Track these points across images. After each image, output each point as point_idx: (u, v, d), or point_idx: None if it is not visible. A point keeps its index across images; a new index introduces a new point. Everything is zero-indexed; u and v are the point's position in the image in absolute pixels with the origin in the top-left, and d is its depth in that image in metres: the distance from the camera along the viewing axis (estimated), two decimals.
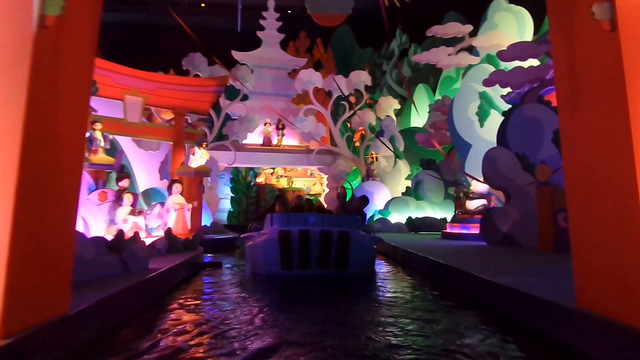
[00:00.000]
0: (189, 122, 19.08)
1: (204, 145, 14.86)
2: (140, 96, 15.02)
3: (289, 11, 34.40)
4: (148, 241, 9.25)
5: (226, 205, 27.52)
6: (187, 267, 8.83)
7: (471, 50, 17.80)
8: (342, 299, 6.65)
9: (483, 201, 14.07)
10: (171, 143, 16.31)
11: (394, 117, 22.41)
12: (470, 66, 16.84)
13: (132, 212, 9.77)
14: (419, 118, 24.04)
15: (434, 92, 24.36)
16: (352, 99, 23.34)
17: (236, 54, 22.69)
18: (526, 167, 11.68)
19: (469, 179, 14.97)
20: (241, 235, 10.21)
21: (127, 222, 9.61)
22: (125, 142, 17.15)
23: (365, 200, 11.59)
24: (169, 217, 11.27)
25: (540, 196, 10.42)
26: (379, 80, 28.87)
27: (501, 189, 12.27)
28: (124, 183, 10.55)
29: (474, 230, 13.56)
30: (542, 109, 11.78)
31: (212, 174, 19.55)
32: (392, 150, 20.33)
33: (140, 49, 31.26)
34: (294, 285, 7.85)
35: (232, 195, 27.26)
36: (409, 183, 20.16)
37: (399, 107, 23.37)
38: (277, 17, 23.90)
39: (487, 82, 12.63)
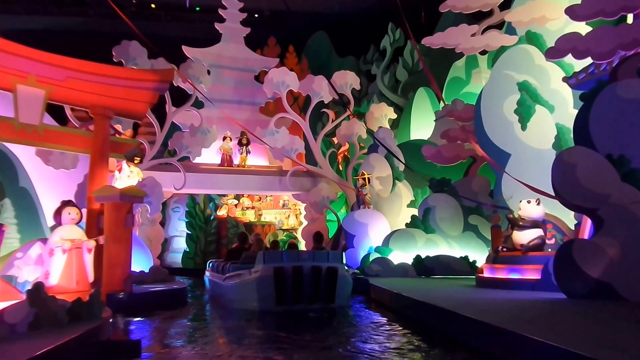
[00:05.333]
0: (121, 131, 14.93)
1: (136, 161, 10.80)
2: (40, 87, 10.71)
3: (256, 15, 31.23)
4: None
5: (181, 244, 23.77)
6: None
7: (501, 28, 14.21)
8: None
9: (539, 231, 10.19)
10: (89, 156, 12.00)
11: (389, 128, 18.67)
12: (502, 49, 13.26)
13: None
14: (420, 130, 20.33)
15: (439, 99, 20.83)
16: (332, 114, 19.62)
17: (188, 50, 18.80)
18: (627, 176, 7.91)
19: (512, 200, 11.16)
20: (226, 275, 10.63)
21: None
22: (25, 155, 12.78)
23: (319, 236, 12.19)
24: (52, 263, 7.00)
25: None
26: (367, 90, 25.40)
27: (586, 211, 8.43)
28: None
29: (530, 274, 9.69)
30: None
31: (153, 201, 15.48)
32: (404, 162, 16.40)
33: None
34: None
35: (188, 232, 23.55)
36: (413, 211, 16.24)
37: (394, 116, 19.69)
38: (240, 8, 20.18)
39: (553, 53, 8.88)
